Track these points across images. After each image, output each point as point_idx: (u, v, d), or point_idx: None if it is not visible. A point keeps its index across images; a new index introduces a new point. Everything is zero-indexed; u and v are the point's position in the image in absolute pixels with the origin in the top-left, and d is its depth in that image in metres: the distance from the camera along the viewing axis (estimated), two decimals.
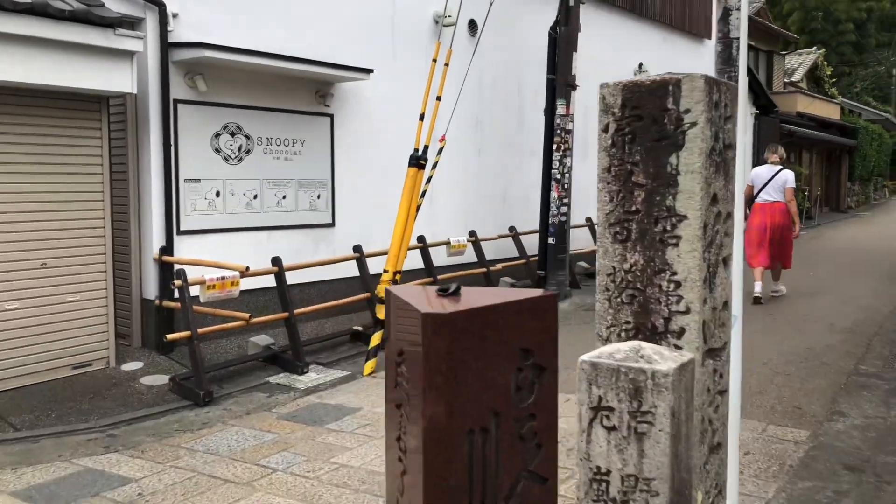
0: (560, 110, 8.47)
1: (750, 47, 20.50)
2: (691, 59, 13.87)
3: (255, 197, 6.89)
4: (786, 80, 24.79)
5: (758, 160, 16.35)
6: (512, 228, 9.04)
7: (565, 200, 8.63)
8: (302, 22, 7.10)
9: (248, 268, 5.67)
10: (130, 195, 6.21)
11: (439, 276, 7.62)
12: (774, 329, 7.06)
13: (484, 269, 8.27)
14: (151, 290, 6.22)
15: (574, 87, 8.57)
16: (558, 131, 8.50)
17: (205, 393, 5.22)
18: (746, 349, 6.28)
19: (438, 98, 6.67)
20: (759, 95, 15.61)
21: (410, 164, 6.30)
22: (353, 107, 7.67)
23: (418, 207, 6.40)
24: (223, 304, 5.90)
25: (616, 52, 11.44)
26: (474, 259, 8.45)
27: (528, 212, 9.95)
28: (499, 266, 8.58)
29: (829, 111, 23.93)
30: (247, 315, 5.71)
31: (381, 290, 6.13)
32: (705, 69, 12.76)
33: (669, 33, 13.00)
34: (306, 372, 5.92)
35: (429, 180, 6.54)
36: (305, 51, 6.87)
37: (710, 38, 14.35)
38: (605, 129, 1.94)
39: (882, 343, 6.52)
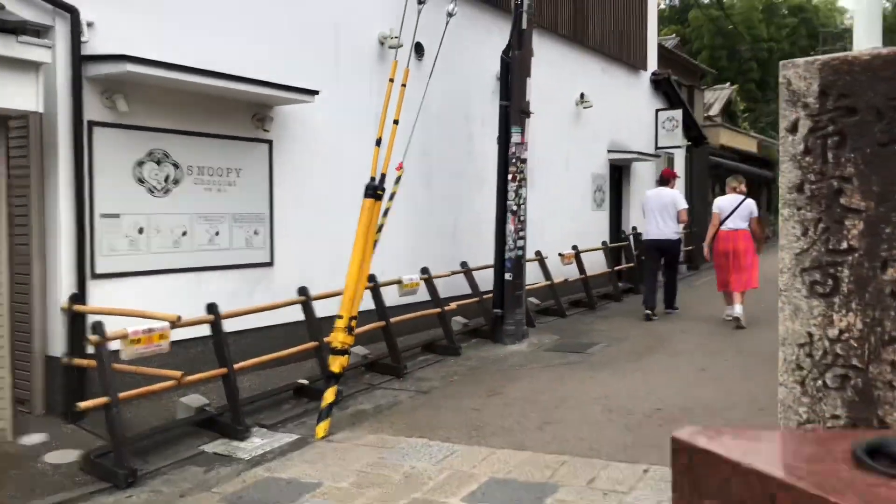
0: (515, 138, 7.96)
1: (669, 83, 20.82)
2: (629, 89, 13.76)
3: (185, 234, 6.01)
4: (704, 114, 25.41)
5: (690, 191, 16.41)
6: (464, 264, 8.42)
7: (522, 234, 8.09)
8: (236, 39, 6.34)
9: (179, 317, 4.79)
10: (33, 233, 5.24)
11: (392, 319, 6.88)
12: (751, 368, 6.65)
13: (438, 310, 7.59)
14: (58, 346, 5.24)
15: (528, 113, 8.09)
16: (513, 161, 7.97)
17: (127, 472, 4.30)
18: (736, 393, 5.84)
19: (396, 122, 6.03)
20: (691, 127, 15.71)
21: (367, 195, 5.60)
22: (294, 132, 6.92)
23: (375, 243, 5.69)
24: (148, 360, 4.99)
25: (559, 80, 11.11)
26: (426, 297, 7.76)
27: (479, 246, 9.36)
28: (452, 305, 7.91)
29: (748, 144, 24.63)
30: (178, 374, 4.83)
31: (335, 339, 5.36)
32: (643, 101, 12.60)
33: (608, 64, 12.83)
34: (248, 437, 5.06)
35: (386, 213, 5.84)
36: (240, 70, 6.09)
37: (645, 69, 14.31)
38: (793, 129, 1.32)
39: None
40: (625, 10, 13.25)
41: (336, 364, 5.32)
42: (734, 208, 9.25)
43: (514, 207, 7.99)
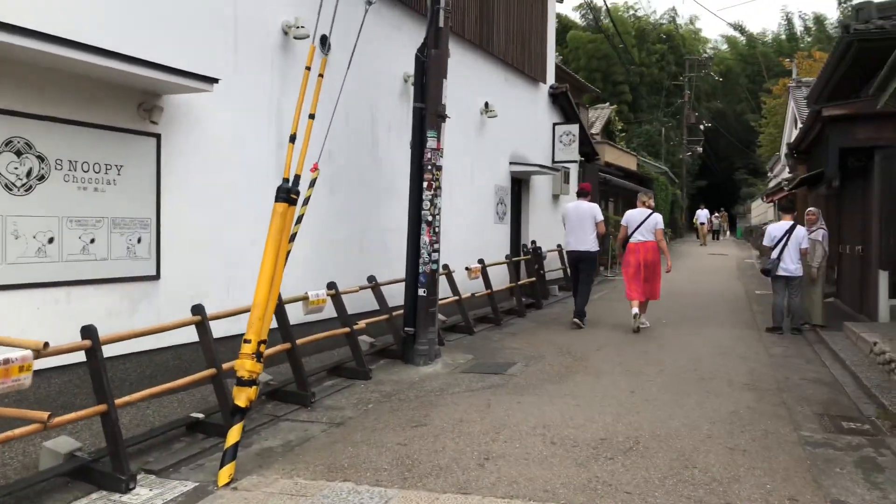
0: (431, 144, 7.40)
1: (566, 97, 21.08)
2: (529, 101, 13.58)
3: (51, 241, 5.00)
4: (588, 132, 26.00)
5: None
6: (372, 278, 7.74)
7: (436, 246, 7.52)
8: (121, 16, 5.41)
9: (46, 344, 3.86)
10: None
11: (298, 341, 6.11)
12: (679, 388, 6.40)
13: (347, 329, 6.87)
14: None
15: (445, 117, 7.56)
16: (429, 167, 7.41)
17: None
18: (676, 417, 5.53)
19: (312, 116, 5.32)
20: (584, 142, 15.79)
21: (279, 199, 4.85)
22: (186, 126, 6.02)
23: (287, 254, 4.94)
24: (4, 397, 4.01)
25: (465, 87, 10.69)
26: (332, 315, 7.04)
27: (386, 259, 8.74)
28: (361, 324, 7.21)
29: (629, 162, 25.41)
30: (44, 415, 3.87)
31: (241, 368, 4.56)
32: (542, 112, 12.41)
33: (511, 74, 12.58)
34: (133, 488, 4.17)
35: (300, 220, 5.11)
36: (123, 51, 5.16)
37: (545, 81, 14.21)
38: None
39: (795, 400, 6.06)
40: (527, 21, 13.08)
41: (242, 397, 4.52)
42: (641, 221, 9.87)
43: (430, 218, 7.42)
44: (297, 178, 5.03)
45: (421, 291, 7.43)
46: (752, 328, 10.12)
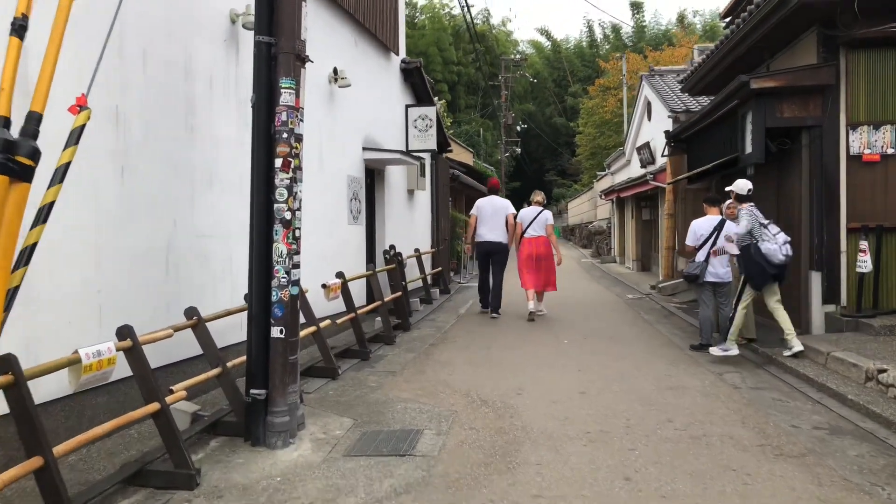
0: (286, 98, 4.72)
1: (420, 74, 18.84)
2: (382, 74, 11.11)
3: None
4: None
5: (437, 202, 14.32)
6: (192, 312, 4.89)
7: (296, 259, 4.85)
8: None
9: None
10: None
11: (58, 447, 3.22)
12: (684, 463, 4.29)
13: (156, 406, 4.00)
14: None
15: (306, 60, 4.94)
16: (284, 135, 4.71)
17: None
18: None
19: None
20: (438, 131, 13.62)
21: None
22: None
23: (13, 293, 2.13)
24: None
25: (309, 45, 7.99)
26: (126, 374, 4.18)
27: (208, 280, 5.91)
28: (180, 391, 4.37)
29: (467, 158, 23.78)
30: None
31: None
32: (395, 90, 9.94)
33: (361, 36, 10.03)
34: None
35: (45, 214, 2.30)
36: None
37: (397, 52, 11.81)
38: None
39: (853, 473, 4.16)
40: None
41: None
42: (533, 218, 10.41)
43: (287, 215, 4.72)
44: (37, 119, 2.21)
45: (276, 331, 4.72)
46: (669, 345, 8.43)
